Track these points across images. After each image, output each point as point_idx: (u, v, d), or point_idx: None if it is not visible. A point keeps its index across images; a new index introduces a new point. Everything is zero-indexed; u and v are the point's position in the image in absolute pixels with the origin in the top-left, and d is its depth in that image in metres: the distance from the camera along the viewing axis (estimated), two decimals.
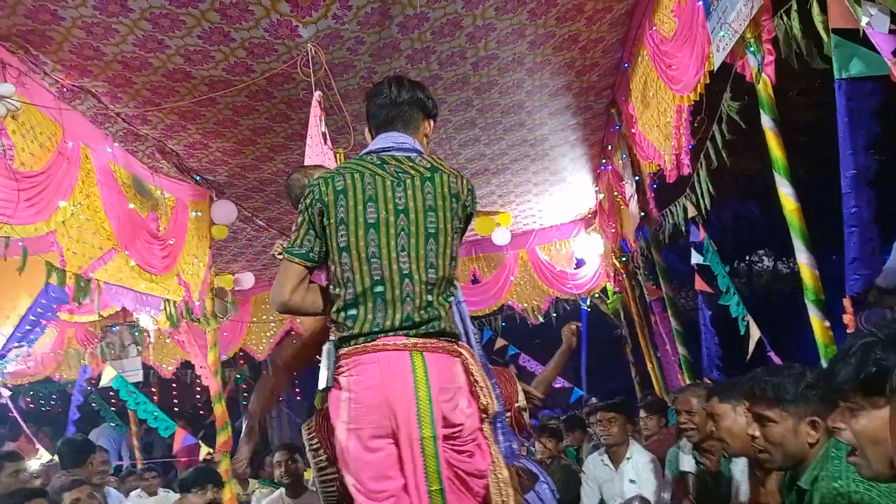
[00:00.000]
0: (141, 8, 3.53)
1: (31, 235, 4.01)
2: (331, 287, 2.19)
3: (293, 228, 2.26)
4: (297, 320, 3.34)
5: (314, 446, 2.70)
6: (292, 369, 3.08)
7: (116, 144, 4.80)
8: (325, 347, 2.17)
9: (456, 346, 2.18)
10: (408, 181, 2.17)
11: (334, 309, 2.15)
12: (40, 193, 3.87)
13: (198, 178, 5.75)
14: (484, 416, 2.19)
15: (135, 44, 3.82)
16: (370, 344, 2.07)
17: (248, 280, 7.82)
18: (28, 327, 5.66)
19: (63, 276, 4.41)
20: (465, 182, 2.25)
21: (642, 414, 5.29)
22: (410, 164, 2.21)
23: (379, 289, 2.10)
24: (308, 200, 2.18)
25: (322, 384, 2.14)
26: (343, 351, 2.11)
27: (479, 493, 2.15)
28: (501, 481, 2.22)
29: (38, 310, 5.45)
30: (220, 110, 4.67)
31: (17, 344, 6.01)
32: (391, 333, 2.08)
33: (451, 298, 2.21)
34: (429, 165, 2.22)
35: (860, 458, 1.49)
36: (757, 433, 2.21)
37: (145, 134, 4.92)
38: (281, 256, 2.31)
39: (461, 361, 2.17)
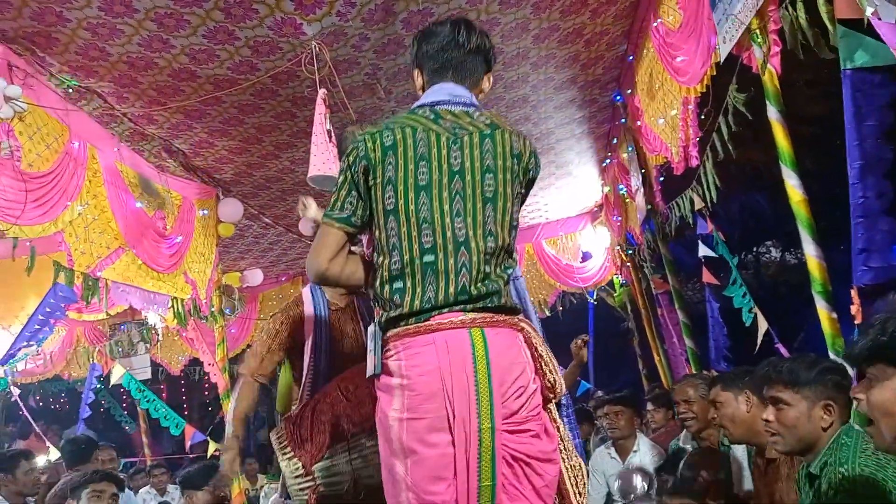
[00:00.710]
0: (146, 8, 3.53)
1: (39, 235, 4.04)
2: (374, 255, 1.96)
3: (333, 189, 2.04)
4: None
5: (287, 455, 2.66)
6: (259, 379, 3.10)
7: (123, 144, 4.82)
8: (370, 329, 1.96)
9: (517, 320, 1.96)
10: (465, 138, 1.93)
11: (378, 281, 1.93)
12: (48, 194, 3.90)
13: (203, 177, 5.77)
14: (551, 395, 1.99)
15: (140, 44, 3.83)
16: (423, 324, 1.84)
17: (255, 277, 7.84)
18: (37, 326, 5.69)
19: (71, 275, 4.44)
20: (528, 143, 2.02)
21: (649, 407, 5.28)
22: (469, 119, 1.97)
23: (429, 258, 1.86)
24: (351, 158, 1.94)
25: (370, 370, 1.93)
26: (392, 332, 1.88)
27: (548, 483, 1.91)
28: (574, 468, 2.03)
29: (47, 309, 5.48)
30: (225, 109, 4.68)
31: (26, 343, 6.05)
32: (446, 310, 1.85)
33: (510, 271, 1.97)
34: (489, 122, 1.98)
35: (874, 429, 1.52)
36: (771, 417, 2.23)
37: (151, 133, 4.93)
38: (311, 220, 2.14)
39: (524, 336, 1.95)
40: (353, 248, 2.07)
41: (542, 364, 1.97)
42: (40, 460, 5.52)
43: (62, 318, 6.42)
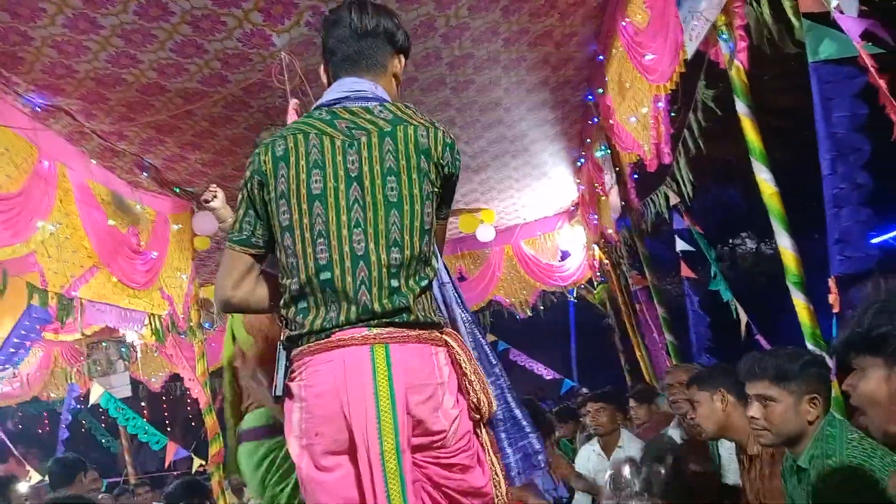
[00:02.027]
0: (111, 24, 3.50)
1: (11, 257, 3.98)
2: (280, 278, 1.80)
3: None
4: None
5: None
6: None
7: (93, 161, 4.77)
8: (278, 349, 1.81)
9: (438, 334, 1.77)
10: (363, 139, 1.73)
11: (282, 303, 1.78)
12: (18, 215, 3.84)
13: (177, 189, 5.72)
14: (476, 415, 1.79)
15: (107, 60, 3.79)
16: (323, 341, 1.69)
17: None
18: (12, 350, 5.60)
19: (45, 295, 4.38)
20: (439, 134, 1.78)
21: (632, 403, 5.30)
22: (368, 116, 1.77)
23: (325, 275, 1.69)
24: (248, 173, 1.79)
25: (274, 393, 1.77)
26: (294, 353, 1.74)
27: None
28: (502, 498, 1.83)
29: (22, 331, 5.39)
30: (197, 122, 4.64)
31: (1, 367, 5.95)
32: (348, 327, 1.69)
33: (426, 282, 1.77)
34: (390, 117, 1.77)
35: (867, 420, 1.54)
36: (757, 414, 2.24)
37: (122, 149, 4.88)
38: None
39: (447, 352, 1.77)
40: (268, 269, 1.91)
41: (467, 382, 1.78)
42: (22, 486, 5.44)
43: (38, 339, 6.32)
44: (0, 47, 3.55)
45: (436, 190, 1.79)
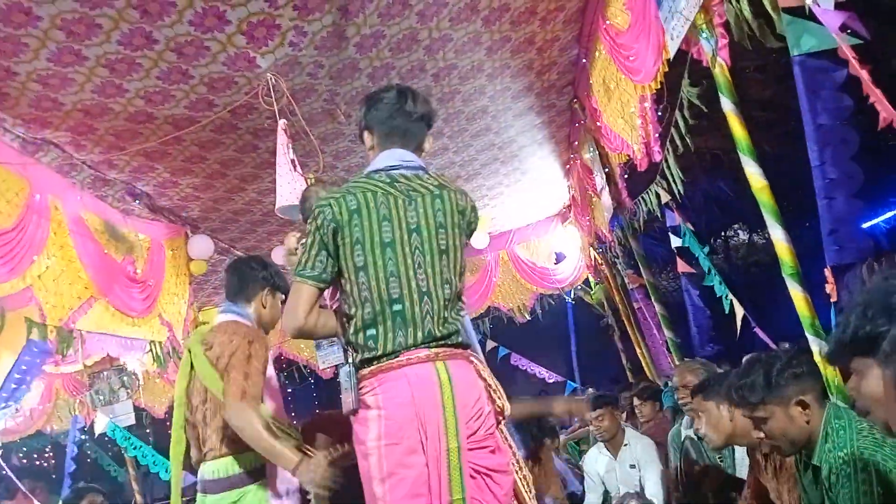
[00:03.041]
0: (95, 55, 3.51)
1: (8, 293, 3.97)
2: (345, 307, 2.17)
3: (299, 250, 2.22)
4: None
5: None
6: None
7: (85, 192, 4.77)
8: (345, 370, 2.14)
9: (468, 354, 2.23)
10: (418, 199, 2.17)
11: (352, 329, 2.14)
12: (13, 250, 3.84)
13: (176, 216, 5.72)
14: (501, 417, 2.25)
15: (93, 91, 3.80)
16: (395, 360, 2.08)
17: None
18: (14, 385, 5.58)
19: (44, 329, 4.38)
20: (469, 199, 2.28)
21: (636, 401, 5.32)
22: (419, 181, 2.21)
23: (398, 307, 2.09)
24: (319, 220, 2.14)
25: (348, 407, 2.12)
26: (366, 371, 2.10)
27: (506, 491, 2.17)
28: (526, 478, 2.29)
29: (23, 367, 5.38)
30: (186, 147, 4.65)
31: (3, 404, 5.93)
32: (412, 349, 2.09)
33: (463, 312, 2.24)
34: (436, 184, 2.23)
35: (873, 418, 1.55)
36: (761, 434, 2.25)
37: (113, 178, 4.88)
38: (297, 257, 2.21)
39: (475, 368, 2.22)
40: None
41: (492, 391, 2.24)
42: None
43: (39, 374, 6.30)
44: None
45: (466, 241, 2.28)
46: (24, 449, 10.13)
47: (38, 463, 10.83)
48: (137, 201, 5.23)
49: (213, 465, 2.72)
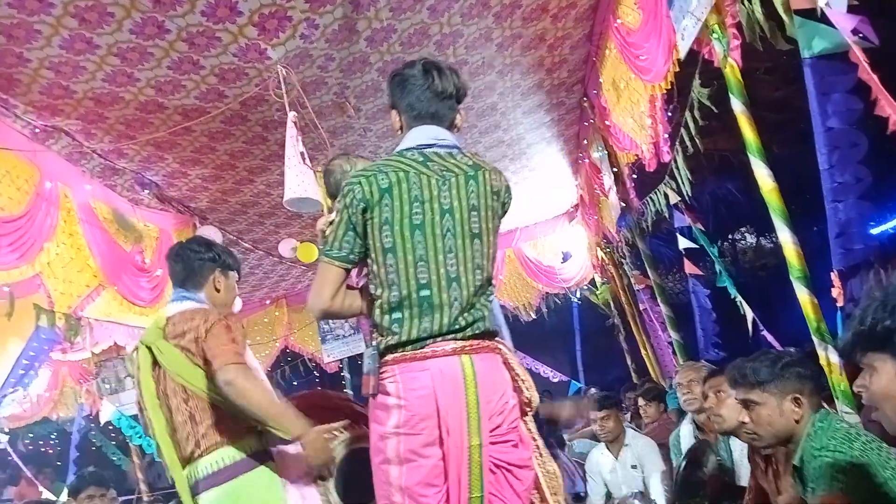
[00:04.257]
0: (107, 44, 3.52)
1: (17, 279, 4.00)
2: (372, 287, 2.11)
3: (326, 229, 2.13)
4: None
5: None
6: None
7: (94, 180, 4.79)
8: (368, 352, 2.10)
9: (495, 343, 2.16)
10: (452, 180, 2.09)
11: (378, 311, 2.09)
12: (22, 237, 3.87)
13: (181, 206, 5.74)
14: (528, 409, 2.21)
15: (104, 80, 3.81)
16: (419, 351, 2.03)
17: (236, 304, 7.78)
18: (21, 371, 5.62)
19: (52, 316, 4.41)
20: (503, 178, 2.19)
21: (641, 402, 5.32)
22: (453, 161, 2.13)
23: (425, 293, 2.04)
24: (348, 199, 2.07)
25: (368, 390, 2.07)
26: (389, 357, 2.05)
27: (526, 486, 2.13)
28: (550, 473, 2.23)
29: (31, 353, 5.41)
30: (196, 138, 4.67)
31: (11, 389, 5.96)
32: (439, 339, 2.04)
33: (492, 297, 2.18)
34: (471, 163, 2.15)
35: (880, 416, 1.55)
36: (746, 419, 2.31)
37: (123, 167, 4.90)
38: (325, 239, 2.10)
39: (502, 357, 2.16)
40: None
41: (520, 382, 2.19)
42: None
43: (47, 360, 6.34)
44: None
45: (499, 223, 2.19)
46: (31, 435, 10.20)
47: (43, 450, 10.90)
48: (146, 191, 5.25)
49: (210, 459, 2.49)
